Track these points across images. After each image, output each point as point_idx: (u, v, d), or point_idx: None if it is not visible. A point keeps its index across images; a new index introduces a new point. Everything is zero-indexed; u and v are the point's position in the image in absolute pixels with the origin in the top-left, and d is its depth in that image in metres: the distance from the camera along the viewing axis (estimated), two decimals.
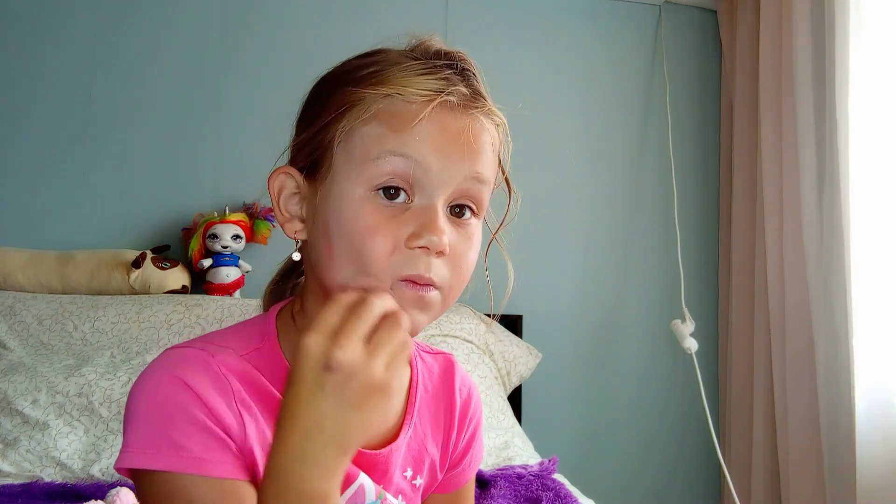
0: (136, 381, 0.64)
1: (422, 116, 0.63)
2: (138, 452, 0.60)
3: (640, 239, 2.47)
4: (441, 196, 0.64)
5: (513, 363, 2.06)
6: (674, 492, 2.44)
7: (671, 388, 2.43)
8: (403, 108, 0.63)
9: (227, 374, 0.63)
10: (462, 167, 0.64)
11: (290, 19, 2.27)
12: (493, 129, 0.68)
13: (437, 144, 0.63)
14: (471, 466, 0.83)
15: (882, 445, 1.76)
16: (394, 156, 0.62)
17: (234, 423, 0.62)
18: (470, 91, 0.66)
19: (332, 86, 0.68)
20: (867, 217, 1.85)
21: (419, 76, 0.64)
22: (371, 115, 0.63)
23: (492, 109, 0.68)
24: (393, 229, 0.63)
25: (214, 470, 0.60)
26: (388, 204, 0.63)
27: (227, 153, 2.19)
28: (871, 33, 1.87)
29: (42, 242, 2.04)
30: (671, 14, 2.53)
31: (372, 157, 0.63)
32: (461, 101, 0.65)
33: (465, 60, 0.69)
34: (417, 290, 0.63)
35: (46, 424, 1.51)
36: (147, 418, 0.61)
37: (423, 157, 0.63)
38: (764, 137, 2.19)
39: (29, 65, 2.12)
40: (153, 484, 0.60)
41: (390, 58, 0.67)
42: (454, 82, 0.65)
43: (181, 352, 0.65)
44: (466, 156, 0.64)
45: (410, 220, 0.63)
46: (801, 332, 2.01)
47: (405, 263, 0.63)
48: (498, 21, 2.41)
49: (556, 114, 2.43)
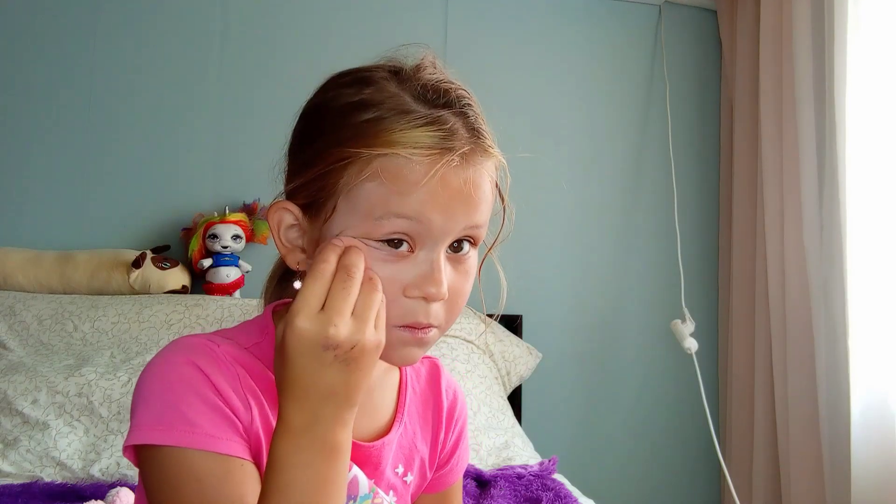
0: (147, 365, 0.66)
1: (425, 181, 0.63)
2: (150, 429, 0.61)
3: (640, 239, 2.47)
4: (441, 247, 0.66)
5: (513, 363, 2.06)
6: (674, 492, 2.44)
7: (671, 388, 2.43)
8: (405, 167, 0.63)
9: (232, 361, 0.66)
10: (462, 220, 0.65)
11: (290, 19, 2.27)
12: (492, 166, 0.69)
13: (440, 202, 0.64)
14: (458, 466, 0.86)
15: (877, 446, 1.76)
16: (397, 217, 0.63)
17: (242, 407, 0.64)
18: (470, 135, 0.66)
19: (325, 127, 0.67)
20: (866, 217, 1.85)
21: (419, 129, 0.64)
22: (372, 172, 0.63)
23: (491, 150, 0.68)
24: (394, 280, 0.65)
25: (223, 447, 0.61)
26: (391, 253, 0.65)
27: (227, 153, 2.19)
28: (871, 33, 1.87)
29: (42, 242, 2.04)
30: (671, 14, 2.53)
31: (375, 215, 0.64)
32: (463, 152, 0.65)
33: (463, 97, 0.68)
34: (416, 333, 0.67)
35: (46, 424, 1.52)
36: (160, 396, 0.62)
37: (425, 216, 0.63)
38: (764, 137, 2.19)
39: (29, 65, 2.12)
40: (161, 459, 0.61)
41: (385, 100, 0.66)
42: (455, 131, 0.65)
43: (189, 340, 0.67)
44: (467, 209, 0.65)
45: (411, 268, 0.65)
46: (800, 333, 2.01)
47: (405, 313, 0.65)
48: (498, 21, 2.41)
49: (555, 114, 2.44)
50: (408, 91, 0.67)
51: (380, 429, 0.76)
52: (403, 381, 0.80)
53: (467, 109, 0.68)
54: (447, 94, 0.67)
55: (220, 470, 0.60)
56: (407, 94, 0.66)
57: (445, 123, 0.65)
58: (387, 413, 0.78)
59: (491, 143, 0.68)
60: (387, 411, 0.78)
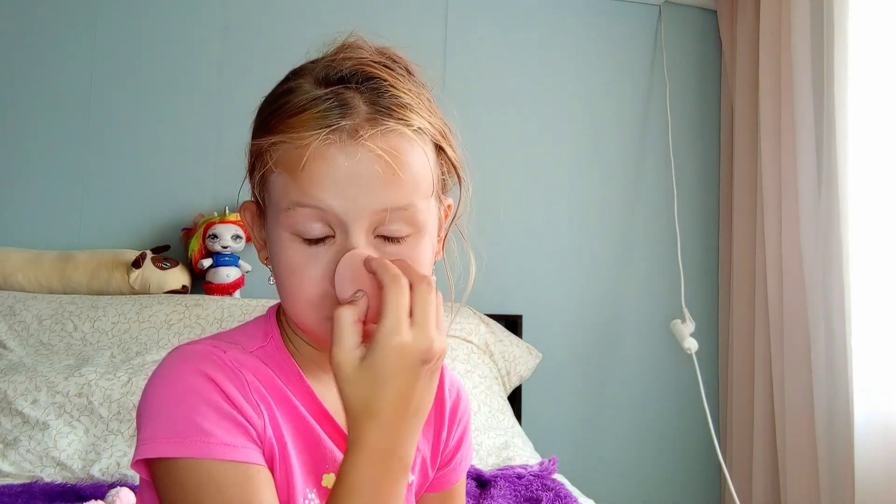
0: (152, 376, 0.64)
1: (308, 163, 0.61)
2: (164, 441, 0.60)
3: (640, 239, 2.47)
4: (356, 231, 0.62)
5: (513, 363, 2.06)
6: (674, 492, 2.44)
7: (671, 388, 2.43)
8: (294, 153, 0.62)
9: (239, 367, 0.64)
10: (369, 201, 0.62)
11: (290, 19, 2.27)
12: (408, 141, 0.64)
13: (335, 185, 0.61)
14: (461, 465, 0.85)
15: (880, 446, 1.77)
16: (298, 206, 0.62)
17: (254, 414, 0.63)
18: (369, 108, 0.63)
19: (254, 123, 0.69)
20: (866, 217, 1.85)
21: (304, 113, 0.62)
22: (273, 162, 0.64)
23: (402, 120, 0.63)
24: (314, 270, 0.63)
25: (240, 455, 0.60)
26: (311, 244, 0.63)
27: (227, 153, 2.19)
28: (871, 33, 1.87)
29: (42, 242, 2.04)
30: (671, 14, 2.53)
31: (283, 207, 0.63)
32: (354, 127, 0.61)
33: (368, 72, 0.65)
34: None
35: (46, 424, 1.51)
36: (171, 408, 0.61)
37: (322, 202, 0.62)
38: (764, 137, 2.19)
39: (29, 65, 2.12)
40: (179, 471, 0.59)
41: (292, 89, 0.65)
42: (347, 105, 0.62)
43: (193, 348, 0.66)
44: (370, 189, 0.62)
45: (332, 256, 0.63)
46: (799, 333, 2.01)
47: (332, 303, 0.62)
48: (497, 21, 2.41)
49: (555, 113, 2.44)
50: (311, 75, 0.66)
51: None
52: None
53: (370, 83, 0.64)
54: (342, 71, 0.65)
55: (240, 478, 0.59)
56: (309, 79, 0.65)
57: (334, 100, 0.63)
58: None
59: (405, 115, 0.63)
60: None
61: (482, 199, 0.75)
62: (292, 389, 0.68)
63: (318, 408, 0.69)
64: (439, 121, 0.69)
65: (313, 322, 0.65)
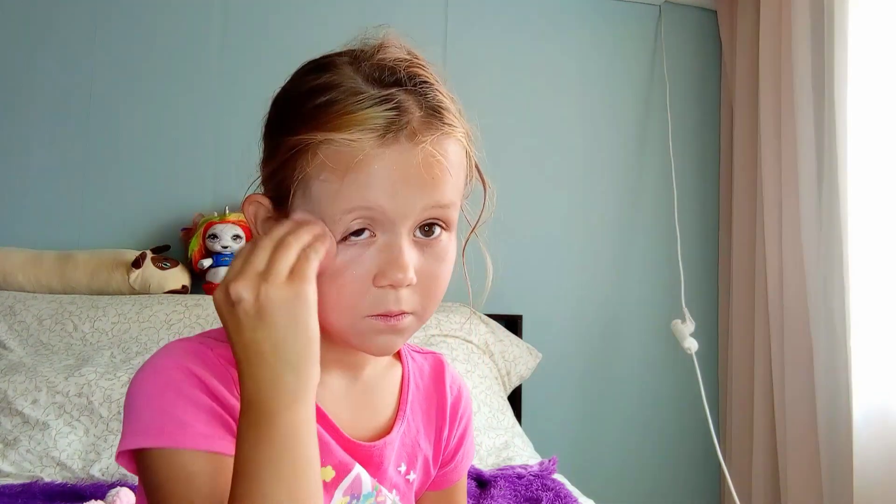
0: (137, 371, 0.65)
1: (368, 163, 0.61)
2: (141, 433, 0.61)
3: (640, 239, 2.47)
4: (402, 230, 0.64)
5: (513, 363, 2.06)
6: (674, 492, 2.44)
7: (671, 388, 2.43)
8: (349, 153, 0.61)
9: (226, 364, 0.65)
10: (419, 200, 0.63)
11: (290, 18, 2.27)
12: (454, 143, 0.66)
13: (389, 186, 0.62)
14: (462, 463, 0.85)
15: (880, 445, 1.77)
16: (348, 213, 0.62)
17: (237, 409, 0.63)
18: (423, 113, 0.64)
19: (283, 117, 0.67)
20: (866, 217, 1.85)
21: (365, 110, 0.62)
22: (320, 162, 0.62)
23: (451, 125, 0.65)
24: (357, 270, 0.64)
25: (216, 445, 0.60)
26: (352, 243, 0.64)
27: (227, 153, 2.19)
28: (871, 33, 1.87)
29: (42, 242, 2.04)
30: (671, 14, 2.53)
31: (328, 213, 0.63)
32: (412, 130, 0.63)
33: (417, 74, 0.66)
34: (388, 321, 0.65)
35: (46, 424, 1.51)
36: (150, 401, 0.62)
37: (376, 203, 0.62)
38: (764, 137, 2.20)
39: (29, 65, 2.12)
40: (154, 461, 0.60)
41: (338, 84, 0.64)
42: (405, 109, 0.63)
43: (180, 345, 0.67)
44: (422, 189, 0.63)
45: (375, 256, 0.64)
46: (799, 333, 2.01)
47: (374, 302, 0.64)
48: (498, 21, 2.41)
49: (555, 114, 2.44)
50: (360, 73, 0.65)
51: (381, 427, 0.75)
52: (406, 377, 0.79)
53: (422, 86, 0.65)
54: (400, 72, 0.65)
55: (210, 468, 0.60)
56: (359, 77, 0.65)
57: (393, 101, 0.63)
58: (388, 411, 0.76)
59: (451, 119, 0.66)
60: (388, 409, 0.77)
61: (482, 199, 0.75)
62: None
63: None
64: (467, 124, 0.70)
65: (348, 324, 0.65)
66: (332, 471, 0.69)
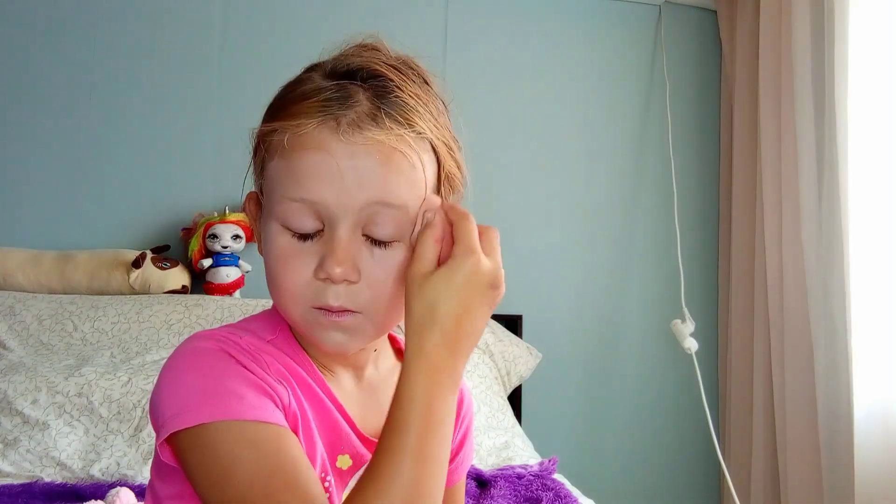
0: (171, 356, 0.64)
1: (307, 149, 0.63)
2: (197, 408, 0.59)
3: (640, 239, 2.47)
4: (343, 225, 0.63)
5: (513, 363, 2.06)
6: (674, 492, 2.44)
7: (671, 388, 2.43)
8: (292, 140, 0.63)
9: (256, 351, 0.65)
10: (361, 194, 0.62)
11: (290, 18, 2.27)
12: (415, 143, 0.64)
13: (326, 176, 0.62)
14: (463, 465, 0.86)
15: (880, 445, 1.77)
16: (290, 200, 0.63)
17: (278, 386, 0.64)
18: (373, 105, 0.63)
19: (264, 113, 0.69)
20: (866, 217, 1.85)
21: (307, 101, 0.63)
22: (270, 153, 0.65)
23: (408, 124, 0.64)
24: (301, 262, 0.64)
25: (271, 417, 0.61)
26: (301, 238, 0.64)
27: (227, 153, 2.19)
28: (871, 33, 1.87)
29: (42, 242, 2.04)
30: (671, 14, 2.53)
31: (276, 198, 0.64)
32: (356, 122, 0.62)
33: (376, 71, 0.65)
34: (331, 316, 0.65)
35: (46, 424, 1.51)
36: (197, 378, 0.61)
37: (314, 194, 0.62)
38: (764, 137, 2.20)
39: (29, 65, 2.12)
40: (210, 435, 0.59)
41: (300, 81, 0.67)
42: (350, 98, 0.63)
43: (210, 332, 0.67)
44: (364, 183, 0.62)
45: (317, 249, 0.64)
46: (799, 332, 2.01)
47: (315, 294, 0.64)
48: (498, 21, 2.41)
49: (555, 114, 2.43)
50: (320, 69, 0.67)
51: None
52: None
53: (378, 81, 0.65)
54: (356, 68, 0.65)
55: (273, 435, 0.60)
56: (319, 73, 0.67)
57: (339, 91, 0.64)
58: None
59: (413, 120, 0.64)
60: None
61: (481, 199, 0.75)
62: (309, 375, 0.69)
63: (331, 395, 0.70)
64: (446, 133, 0.69)
65: (298, 314, 0.66)
66: (349, 459, 0.70)
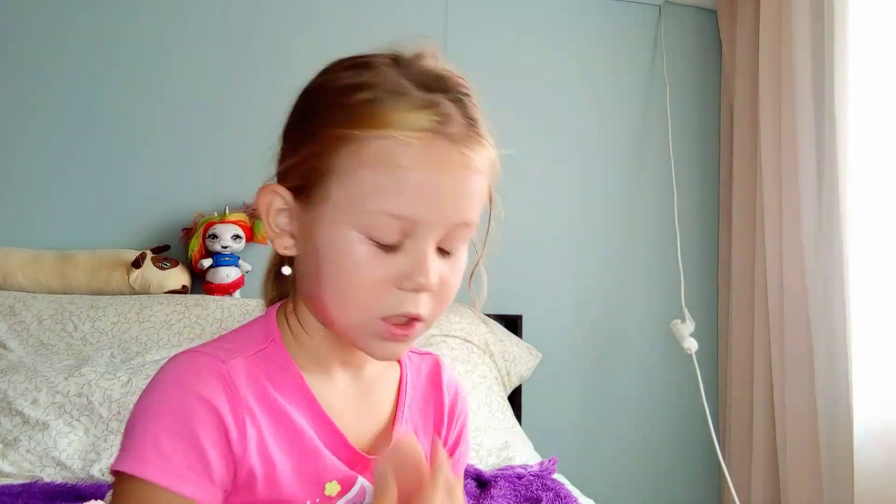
0: (147, 385, 0.65)
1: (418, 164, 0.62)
2: (129, 455, 0.61)
3: (640, 239, 2.47)
4: (430, 239, 0.65)
5: (513, 363, 2.06)
6: (674, 492, 2.44)
7: (671, 388, 2.43)
8: (398, 150, 0.62)
9: (235, 380, 0.65)
10: (453, 217, 0.65)
11: (291, 18, 2.27)
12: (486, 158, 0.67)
13: (429, 196, 0.63)
14: (459, 464, 0.85)
15: (880, 445, 1.77)
16: (388, 216, 0.63)
17: (236, 437, 0.63)
18: (466, 122, 0.65)
19: (321, 108, 0.66)
20: (866, 217, 1.85)
21: (415, 112, 0.63)
22: (366, 156, 0.63)
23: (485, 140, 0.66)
24: (381, 270, 0.64)
25: (189, 490, 0.61)
26: (383, 248, 0.64)
27: (227, 153, 2.19)
28: (871, 33, 1.87)
29: (42, 242, 2.04)
30: (671, 14, 2.53)
31: (367, 209, 0.63)
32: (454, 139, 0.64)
33: (461, 86, 0.67)
34: (403, 329, 0.66)
35: (46, 424, 1.51)
36: (151, 421, 0.62)
37: (414, 213, 0.63)
38: (763, 137, 2.19)
39: (29, 65, 2.12)
40: (126, 486, 0.61)
41: (383, 83, 0.64)
42: (450, 117, 0.64)
43: (193, 357, 0.66)
44: (457, 203, 0.65)
45: (400, 260, 0.64)
46: (799, 333, 2.01)
47: (394, 304, 0.65)
48: (498, 21, 2.41)
49: (555, 113, 2.43)
50: (405, 76, 0.66)
51: (380, 426, 0.75)
52: (403, 379, 0.79)
53: (464, 98, 0.66)
54: (444, 81, 0.67)
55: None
56: (404, 79, 0.65)
57: (441, 107, 0.64)
58: (386, 412, 0.77)
59: (485, 133, 0.67)
60: (386, 409, 0.77)
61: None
62: (290, 398, 0.68)
63: (317, 413, 0.70)
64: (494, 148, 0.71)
65: (359, 321, 0.66)
66: (337, 485, 0.70)
